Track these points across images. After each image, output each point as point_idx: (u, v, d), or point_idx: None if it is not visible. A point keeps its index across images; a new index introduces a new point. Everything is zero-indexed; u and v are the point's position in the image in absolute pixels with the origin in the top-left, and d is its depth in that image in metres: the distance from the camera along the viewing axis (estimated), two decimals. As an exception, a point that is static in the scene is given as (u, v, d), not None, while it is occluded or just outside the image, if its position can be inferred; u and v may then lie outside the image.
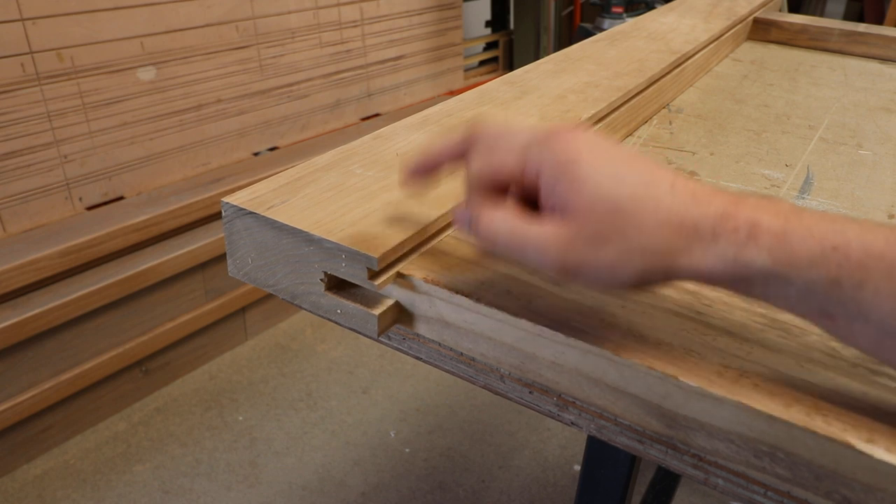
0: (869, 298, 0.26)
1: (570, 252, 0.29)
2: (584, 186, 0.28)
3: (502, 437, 1.44)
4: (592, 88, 0.60)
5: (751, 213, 0.28)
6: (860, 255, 0.26)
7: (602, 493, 0.61)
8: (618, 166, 0.29)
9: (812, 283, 0.26)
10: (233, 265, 0.41)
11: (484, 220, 0.31)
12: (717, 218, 0.28)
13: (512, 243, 0.30)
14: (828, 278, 0.26)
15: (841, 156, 0.61)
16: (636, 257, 0.28)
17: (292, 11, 1.80)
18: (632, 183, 0.28)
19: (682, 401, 0.31)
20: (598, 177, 0.28)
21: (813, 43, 0.95)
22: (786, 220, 0.27)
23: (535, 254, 0.29)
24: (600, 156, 0.29)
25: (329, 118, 2.00)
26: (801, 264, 0.26)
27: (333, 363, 1.65)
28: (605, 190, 0.28)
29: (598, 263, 0.29)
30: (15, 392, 1.29)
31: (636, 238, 0.28)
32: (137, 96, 1.53)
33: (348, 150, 0.47)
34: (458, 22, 2.35)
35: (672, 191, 0.28)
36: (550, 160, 0.30)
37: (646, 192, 0.28)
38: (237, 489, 1.31)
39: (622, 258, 0.28)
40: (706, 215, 0.28)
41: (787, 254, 0.27)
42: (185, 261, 1.48)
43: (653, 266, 0.28)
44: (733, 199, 0.28)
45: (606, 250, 0.28)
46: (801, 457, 0.29)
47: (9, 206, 1.37)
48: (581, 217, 0.29)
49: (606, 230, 0.28)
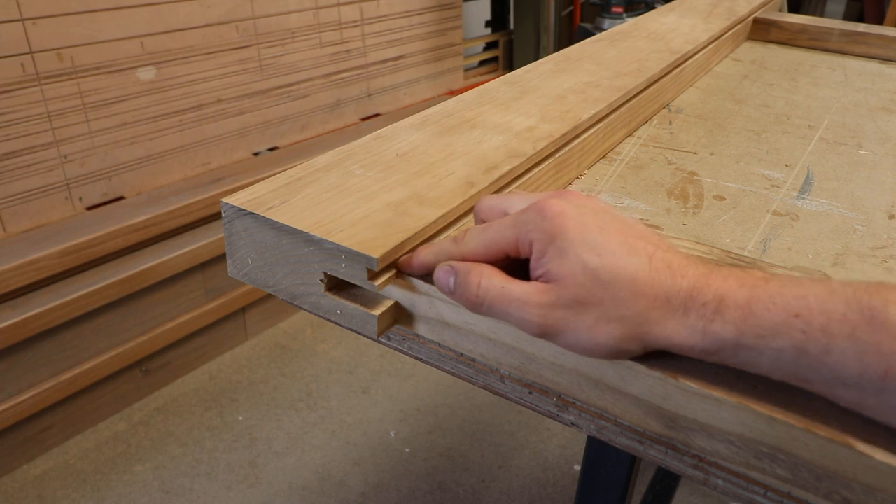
0: (837, 363, 0.26)
1: (551, 314, 0.30)
2: (567, 257, 0.30)
3: (502, 437, 1.44)
4: (592, 88, 0.60)
5: (719, 286, 0.29)
6: (822, 319, 0.26)
7: (602, 493, 0.61)
8: (600, 237, 0.31)
9: (780, 351, 0.27)
10: (233, 265, 0.41)
11: (473, 276, 0.32)
12: (688, 292, 0.29)
13: (498, 300, 0.32)
14: (794, 347, 0.27)
15: (841, 156, 0.61)
16: (613, 325, 0.30)
17: (292, 11, 1.80)
18: (611, 253, 0.30)
19: (681, 402, 0.31)
20: (580, 248, 0.30)
21: (813, 43, 0.95)
22: (751, 291, 0.28)
23: (519, 311, 0.31)
24: (585, 227, 0.31)
25: (329, 118, 2.00)
26: (767, 334, 0.27)
27: (333, 363, 1.65)
28: (586, 260, 0.30)
29: (577, 327, 0.30)
30: (15, 392, 1.29)
31: (613, 307, 0.30)
32: (137, 96, 1.53)
33: (348, 151, 0.47)
34: (458, 22, 2.35)
35: (650, 263, 0.30)
36: (540, 232, 0.31)
37: (624, 263, 0.30)
38: (237, 489, 1.31)
39: (599, 325, 0.30)
40: (679, 289, 0.29)
41: (753, 325, 0.27)
42: (185, 261, 1.48)
43: (628, 335, 0.30)
44: (705, 271, 0.30)
45: (585, 317, 0.30)
46: (802, 458, 0.29)
47: (9, 206, 1.37)
48: (563, 283, 0.30)
49: (586, 297, 0.30)
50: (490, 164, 0.45)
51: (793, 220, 0.50)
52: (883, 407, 0.26)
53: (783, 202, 0.52)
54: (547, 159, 0.50)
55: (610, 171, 0.56)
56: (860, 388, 0.26)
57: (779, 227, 0.48)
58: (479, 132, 0.50)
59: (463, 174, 0.44)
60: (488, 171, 0.44)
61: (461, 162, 0.45)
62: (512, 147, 0.48)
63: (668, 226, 0.48)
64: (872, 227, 0.49)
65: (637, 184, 0.54)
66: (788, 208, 0.51)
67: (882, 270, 0.44)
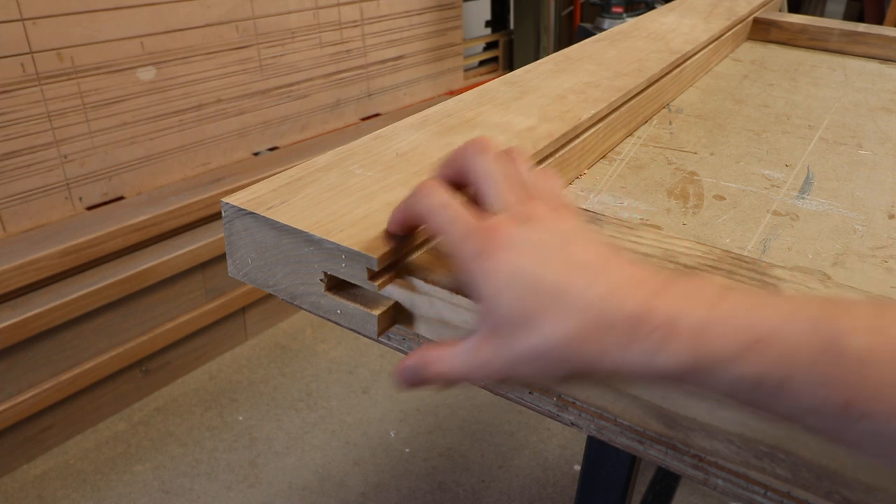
0: (797, 393, 0.24)
1: (504, 368, 0.29)
2: (484, 291, 0.29)
3: (502, 437, 1.44)
4: (592, 88, 0.60)
5: (669, 308, 0.26)
6: (781, 347, 0.24)
7: (602, 493, 0.61)
8: (534, 276, 0.28)
9: (737, 380, 0.25)
10: (233, 265, 0.41)
11: (434, 362, 0.31)
12: (634, 318, 0.26)
13: (471, 373, 0.30)
14: (752, 375, 0.24)
15: (841, 156, 0.61)
16: (560, 351, 0.27)
17: (292, 11, 1.80)
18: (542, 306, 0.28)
19: (681, 401, 0.31)
20: (496, 280, 0.29)
21: (813, 43, 0.95)
22: (709, 310, 0.25)
23: (484, 372, 0.30)
24: (520, 269, 0.29)
25: (329, 118, 2.00)
26: (721, 363, 0.25)
27: (333, 363, 1.65)
28: (498, 289, 0.28)
29: (527, 373, 0.28)
30: (15, 392, 1.29)
31: (556, 334, 0.27)
32: (137, 96, 1.53)
33: (348, 150, 0.47)
34: (458, 22, 2.35)
35: (586, 294, 0.27)
36: (470, 268, 0.30)
37: (553, 321, 0.27)
38: (237, 489, 1.31)
39: (544, 356, 0.28)
40: (622, 315, 0.26)
41: (707, 352, 0.25)
42: (185, 261, 1.48)
43: (574, 372, 0.28)
44: (656, 289, 0.27)
45: (514, 340, 0.28)
46: (802, 457, 0.29)
47: (9, 206, 1.37)
48: (486, 315, 0.29)
49: (503, 326, 0.28)
50: (490, 163, 0.45)
51: (793, 220, 0.50)
52: (844, 436, 0.24)
53: (783, 202, 0.52)
54: (547, 159, 0.50)
55: (610, 171, 0.56)
56: (820, 417, 0.24)
57: (779, 227, 0.48)
58: (479, 132, 0.50)
59: (463, 174, 0.44)
60: (488, 171, 0.44)
61: (461, 162, 0.45)
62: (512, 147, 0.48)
63: (668, 226, 0.48)
64: (872, 227, 0.49)
65: (637, 184, 0.54)
66: (788, 208, 0.51)
67: (882, 270, 0.44)
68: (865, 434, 0.23)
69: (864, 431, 0.23)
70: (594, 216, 0.43)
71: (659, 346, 0.25)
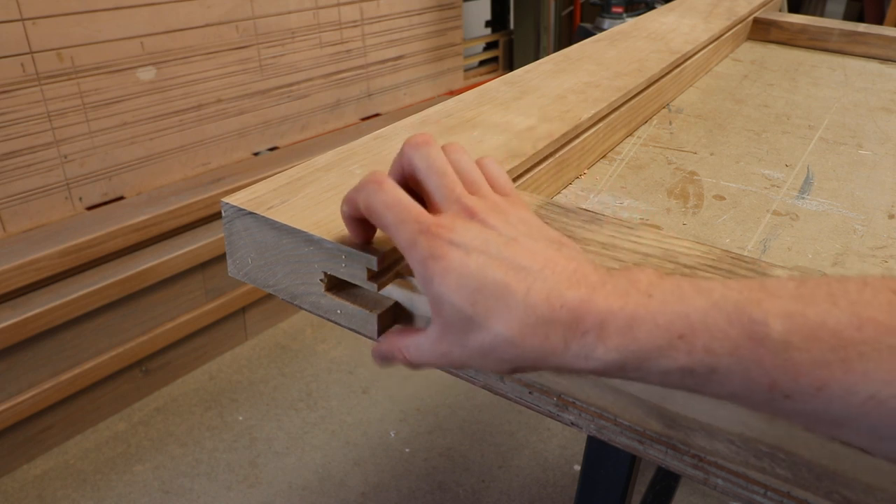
0: (724, 380, 0.25)
1: (460, 359, 0.31)
2: (438, 299, 0.30)
3: (502, 437, 1.44)
4: (592, 88, 0.60)
5: (600, 309, 0.27)
6: (705, 338, 0.25)
7: (602, 493, 0.61)
8: (472, 287, 0.29)
9: (666, 373, 0.26)
10: (233, 265, 0.41)
11: (403, 349, 0.34)
12: (567, 323, 0.28)
13: (435, 361, 0.32)
14: (679, 368, 0.26)
15: (841, 156, 0.61)
16: (505, 349, 0.29)
17: (292, 11, 1.80)
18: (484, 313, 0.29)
19: (681, 401, 0.31)
20: (451, 295, 0.30)
21: (813, 43, 0.95)
22: (634, 310, 0.27)
23: (445, 361, 0.32)
24: (461, 276, 0.30)
25: (329, 118, 2.00)
26: (651, 356, 0.26)
27: (333, 363, 1.65)
28: (445, 292, 0.30)
29: (480, 365, 0.30)
30: (15, 392, 1.29)
31: (501, 334, 0.29)
32: (137, 96, 1.53)
33: (348, 150, 0.47)
34: (458, 22, 2.35)
35: (524, 302, 0.28)
36: (416, 264, 0.31)
37: (495, 321, 0.29)
38: (237, 489, 1.31)
39: (492, 353, 0.29)
40: (559, 316, 0.28)
41: (635, 350, 0.26)
42: (185, 261, 1.48)
43: (522, 361, 0.29)
44: (588, 291, 0.28)
45: (475, 358, 0.30)
46: (802, 457, 0.29)
47: (9, 206, 1.37)
48: (449, 329, 0.30)
49: (454, 325, 0.30)
50: (490, 163, 0.45)
51: (793, 219, 0.50)
52: (777, 414, 0.25)
53: (783, 202, 0.52)
54: (547, 159, 0.50)
55: (610, 170, 0.56)
56: (751, 400, 0.25)
57: (779, 227, 0.48)
58: (480, 132, 0.50)
59: (463, 174, 0.44)
60: (488, 171, 0.44)
61: (461, 162, 0.45)
62: (512, 147, 0.48)
63: (668, 225, 0.48)
64: (872, 226, 0.49)
65: (637, 184, 0.54)
66: (788, 208, 0.51)
67: (882, 270, 0.44)
68: (794, 412, 0.25)
69: (791, 410, 0.24)
70: (594, 216, 0.43)
71: (593, 345, 0.27)
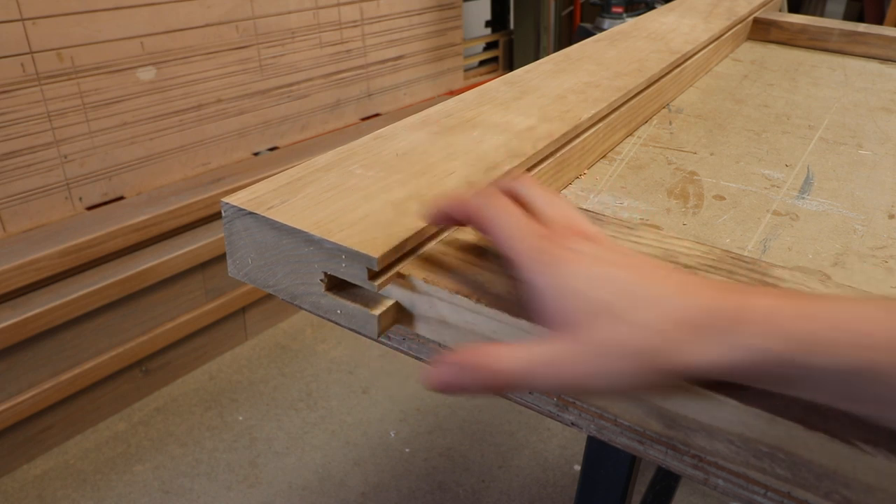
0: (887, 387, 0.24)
1: (571, 364, 0.28)
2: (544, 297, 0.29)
3: (502, 437, 1.44)
4: (592, 88, 0.60)
5: (767, 303, 0.26)
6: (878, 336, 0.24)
7: (602, 493, 0.61)
8: (593, 278, 0.29)
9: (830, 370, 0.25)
10: (233, 265, 0.41)
11: (492, 360, 0.29)
12: (734, 312, 0.26)
13: (534, 370, 0.28)
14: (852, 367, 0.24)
15: (841, 156, 0.61)
16: (628, 360, 0.27)
17: (292, 11, 1.80)
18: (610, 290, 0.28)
19: (681, 401, 0.31)
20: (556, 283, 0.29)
21: (813, 43, 0.95)
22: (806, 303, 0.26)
23: (550, 369, 0.28)
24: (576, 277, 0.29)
25: (329, 118, 2.00)
26: (818, 349, 0.25)
27: (333, 363, 1.65)
28: (560, 288, 0.28)
29: (596, 370, 0.27)
30: (15, 392, 1.29)
31: (623, 340, 0.27)
32: (137, 96, 1.53)
33: (348, 150, 0.47)
34: (458, 22, 2.35)
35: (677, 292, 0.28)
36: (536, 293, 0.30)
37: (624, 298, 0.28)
38: (237, 489, 1.31)
39: (614, 363, 0.27)
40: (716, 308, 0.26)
41: (806, 340, 0.25)
42: (185, 261, 1.48)
43: (653, 360, 0.27)
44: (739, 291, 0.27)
45: (599, 358, 0.27)
46: (802, 457, 0.29)
47: (9, 206, 1.37)
48: (571, 329, 0.28)
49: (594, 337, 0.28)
50: (490, 163, 0.45)
51: (793, 219, 0.50)
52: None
53: (783, 202, 0.52)
54: (547, 159, 0.50)
55: (610, 170, 0.56)
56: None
57: (779, 227, 0.48)
58: (480, 132, 0.50)
59: (463, 174, 0.44)
60: (488, 171, 0.44)
61: (461, 162, 0.45)
62: (512, 147, 0.48)
63: (668, 226, 0.48)
64: (872, 227, 0.49)
65: (637, 184, 0.54)
66: (788, 208, 0.51)
67: (882, 270, 0.44)
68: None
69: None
70: (594, 216, 0.43)
71: (754, 335, 0.25)
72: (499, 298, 0.35)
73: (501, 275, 0.37)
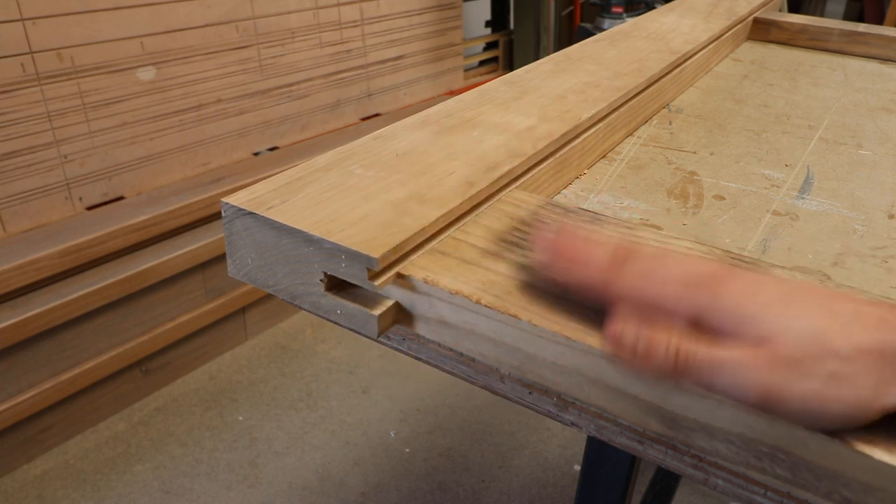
0: None
1: (772, 376, 0.26)
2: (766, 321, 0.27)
3: (502, 437, 1.44)
4: (592, 88, 0.60)
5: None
6: None
7: (602, 493, 0.61)
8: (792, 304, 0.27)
9: None
10: (233, 265, 0.41)
11: (659, 337, 0.28)
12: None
13: (706, 365, 0.27)
14: None
15: (841, 156, 0.61)
16: (845, 389, 0.26)
17: (292, 11, 1.80)
18: (811, 314, 0.27)
19: (681, 402, 0.31)
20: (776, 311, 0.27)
21: (813, 43, 0.95)
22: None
23: (733, 376, 0.27)
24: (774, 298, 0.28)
25: (329, 118, 2.00)
26: None
27: (333, 363, 1.65)
28: (789, 322, 0.27)
29: (804, 393, 0.26)
30: (15, 392, 1.29)
31: (836, 367, 0.26)
32: (137, 96, 1.53)
33: (348, 150, 0.47)
34: (458, 22, 2.35)
35: (857, 319, 0.27)
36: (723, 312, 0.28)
37: (829, 322, 0.27)
38: (237, 489, 1.31)
39: (829, 390, 0.26)
40: None
41: None
42: (185, 261, 1.48)
43: (864, 400, 0.26)
44: None
45: (809, 381, 0.26)
46: (802, 457, 0.29)
47: (9, 206, 1.37)
48: (776, 342, 0.27)
49: (804, 357, 0.26)
50: (490, 163, 0.45)
51: (793, 219, 0.50)
52: None
53: (783, 202, 0.52)
54: (547, 159, 0.50)
55: (610, 170, 0.56)
56: None
57: (779, 227, 0.48)
58: (480, 132, 0.50)
59: (463, 174, 0.44)
60: (488, 171, 0.44)
61: (461, 162, 0.45)
62: (512, 147, 0.48)
63: (668, 226, 0.48)
64: (872, 227, 0.49)
65: (637, 184, 0.54)
66: (788, 208, 0.51)
67: (882, 270, 0.44)
68: None
69: None
70: (594, 216, 0.43)
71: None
72: (499, 298, 0.35)
73: (502, 275, 0.37)
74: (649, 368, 0.28)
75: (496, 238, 0.39)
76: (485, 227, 0.41)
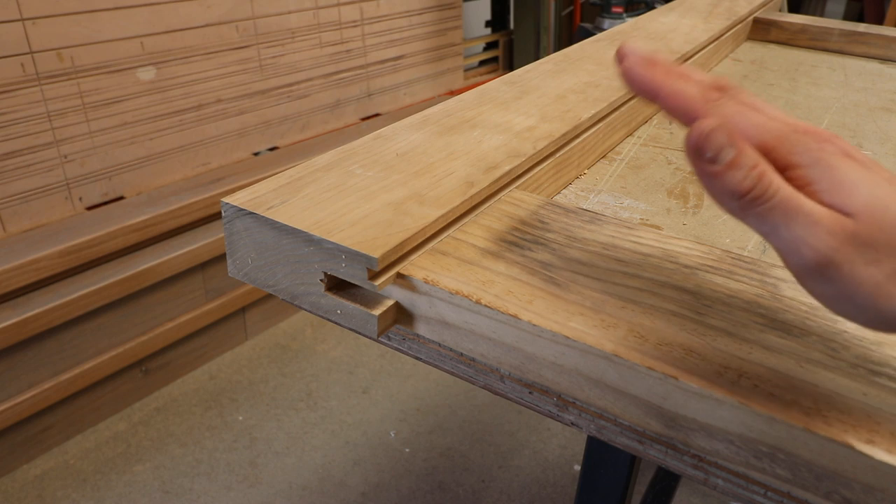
0: None
1: (841, 247, 0.25)
2: (860, 193, 0.25)
3: (502, 437, 1.44)
4: (592, 88, 0.60)
5: None
6: None
7: (602, 493, 0.61)
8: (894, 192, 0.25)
9: None
10: (233, 265, 0.41)
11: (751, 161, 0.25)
12: None
13: (784, 206, 0.25)
14: None
15: (841, 156, 0.61)
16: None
17: (292, 11, 1.80)
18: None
19: (682, 401, 0.31)
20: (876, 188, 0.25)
21: (813, 43, 0.95)
22: None
23: (805, 229, 0.25)
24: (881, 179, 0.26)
25: (329, 118, 2.00)
26: None
27: (333, 363, 1.65)
28: (888, 201, 0.25)
29: (862, 278, 0.25)
30: (15, 392, 1.29)
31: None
32: (137, 96, 1.53)
33: (348, 150, 0.47)
34: (458, 22, 2.35)
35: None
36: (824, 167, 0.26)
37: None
38: (237, 489, 1.31)
39: (891, 286, 0.24)
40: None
41: None
42: (185, 261, 1.48)
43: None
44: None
45: (875, 269, 0.24)
46: (802, 457, 0.29)
47: (9, 206, 1.37)
48: (860, 219, 0.25)
49: (885, 245, 0.25)
50: (490, 163, 0.45)
51: (793, 219, 0.50)
52: None
53: (783, 202, 0.52)
54: (547, 159, 0.50)
55: (610, 170, 0.56)
56: None
57: (779, 227, 0.48)
58: (479, 132, 0.50)
59: (463, 174, 0.44)
60: (488, 171, 0.44)
61: (461, 162, 0.45)
62: (512, 147, 0.48)
63: (668, 226, 0.48)
64: (872, 226, 0.49)
65: (637, 183, 0.54)
66: (788, 208, 0.51)
67: (882, 270, 0.44)
68: None
69: None
70: (594, 216, 0.43)
71: None
72: (499, 298, 0.35)
73: (502, 275, 0.37)
74: (724, 183, 0.25)
75: (496, 238, 0.39)
76: (485, 227, 0.41)
